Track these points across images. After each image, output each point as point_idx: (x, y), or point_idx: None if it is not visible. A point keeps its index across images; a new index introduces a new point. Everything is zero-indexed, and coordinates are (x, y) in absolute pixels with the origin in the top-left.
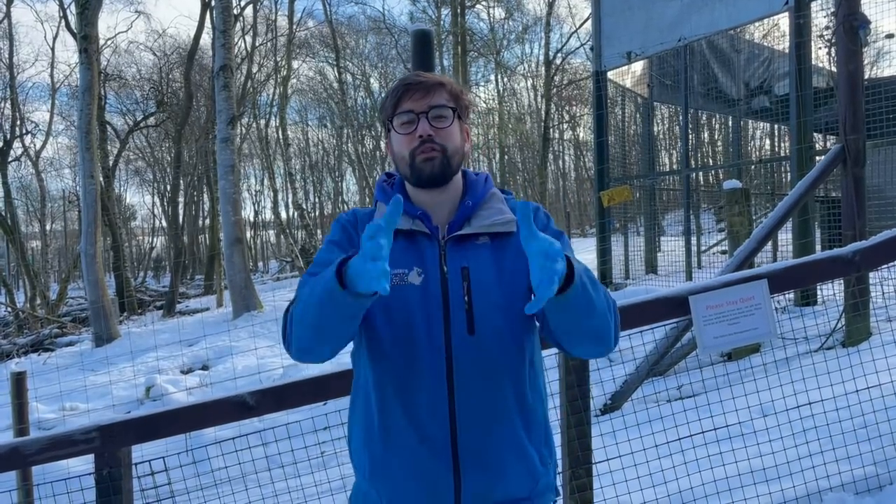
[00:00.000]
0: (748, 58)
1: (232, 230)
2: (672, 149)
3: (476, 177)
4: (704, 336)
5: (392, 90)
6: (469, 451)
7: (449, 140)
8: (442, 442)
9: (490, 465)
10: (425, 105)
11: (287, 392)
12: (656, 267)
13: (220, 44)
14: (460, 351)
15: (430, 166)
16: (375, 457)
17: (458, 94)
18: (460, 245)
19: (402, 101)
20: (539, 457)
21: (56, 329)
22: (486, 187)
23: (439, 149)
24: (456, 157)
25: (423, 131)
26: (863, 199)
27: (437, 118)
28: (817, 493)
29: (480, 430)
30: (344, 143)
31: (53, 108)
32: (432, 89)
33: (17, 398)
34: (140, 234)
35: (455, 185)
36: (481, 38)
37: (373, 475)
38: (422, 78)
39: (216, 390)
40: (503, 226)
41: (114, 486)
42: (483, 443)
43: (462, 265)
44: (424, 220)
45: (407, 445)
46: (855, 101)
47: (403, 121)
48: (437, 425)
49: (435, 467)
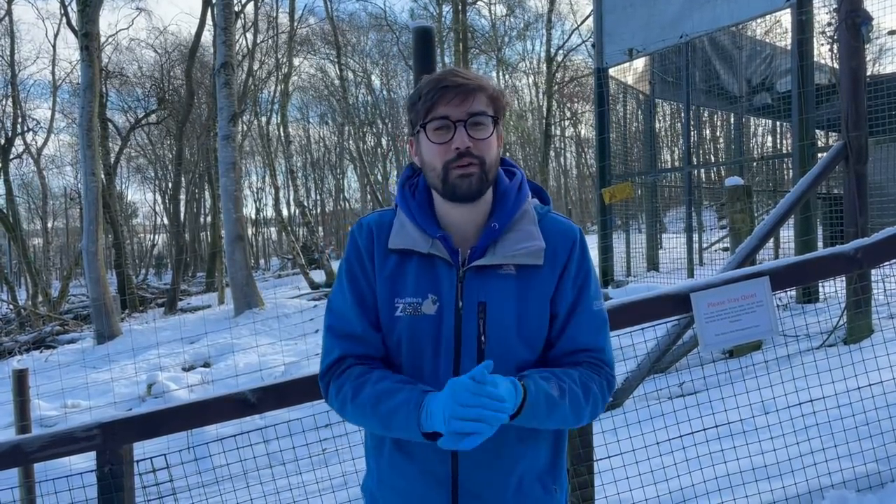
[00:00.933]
0: (750, 54)
1: (233, 227)
2: (674, 146)
3: (509, 183)
4: (706, 333)
5: (426, 91)
6: (468, 489)
7: (488, 152)
8: (443, 476)
9: (488, 498)
10: (464, 112)
11: (288, 389)
12: (658, 264)
13: (221, 41)
14: None
15: (466, 183)
16: (382, 472)
17: (497, 98)
18: (480, 275)
19: (437, 104)
20: (542, 486)
21: (58, 326)
22: (518, 200)
23: (477, 162)
24: (493, 171)
25: (460, 143)
26: (865, 195)
27: (475, 127)
28: (819, 491)
29: (481, 467)
30: (345, 141)
31: (55, 105)
32: (472, 93)
33: (18, 395)
34: (141, 231)
35: (485, 197)
36: (483, 35)
37: (380, 484)
38: (460, 79)
39: (217, 387)
40: (528, 257)
41: (115, 484)
42: (482, 479)
43: (480, 299)
44: (444, 243)
45: (410, 474)
46: (857, 97)
47: (437, 127)
48: (438, 460)
49: (435, 497)
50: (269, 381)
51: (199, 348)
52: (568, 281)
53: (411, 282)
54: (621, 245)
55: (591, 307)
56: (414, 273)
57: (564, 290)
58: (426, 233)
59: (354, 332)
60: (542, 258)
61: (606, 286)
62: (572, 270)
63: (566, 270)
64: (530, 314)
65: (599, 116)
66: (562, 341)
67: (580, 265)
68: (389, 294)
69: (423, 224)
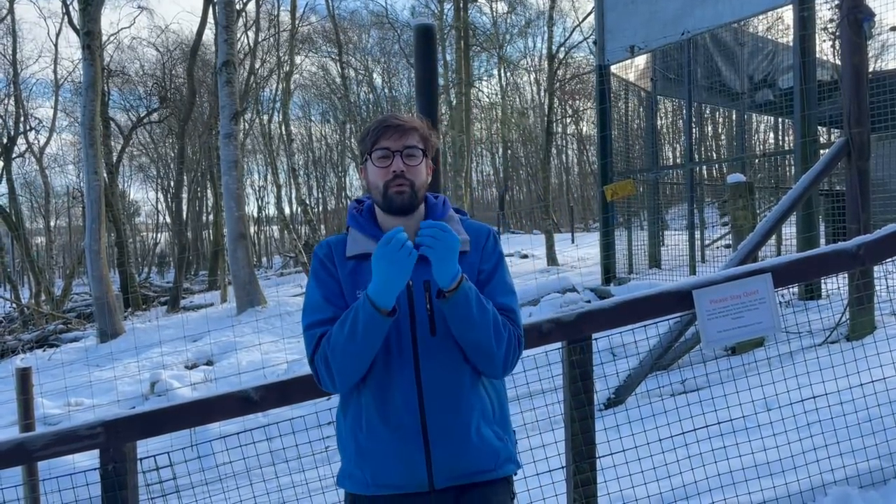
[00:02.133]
0: (752, 51)
1: (235, 226)
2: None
3: (435, 200)
4: (708, 330)
5: (373, 128)
6: (436, 434)
7: (417, 176)
8: (413, 428)
9: (453, 444)
10: (400, 145)
11: (291, 387)
12: (660, 261)
13: (222, 39)
14: (425, 349)
15: (400, 198)
16: (360, 443)
17: (427, 137)
18: (423, 262)
19: (380, 139)
20: (494, 434)
21: (61, 325)
22: (444, 211)
23: (409, 183)
24: (422, 191)
25: (396, 167)
26: (867, 192)
27: (409, 157)
28: (822, 487)
29: (444, 415)
30: (347, 139)
31: (57, 104)
32: (407, 132)
33: (22, 394)
34: (144, 230)
35: (418, 211)
36: (484, 33)
37: (357, 458)
38: (399, 121)
39: (220, 385)
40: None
41: (119, 482)
42: (446, 426)
43: (425, 279)
44: None
45: (385, 433)
46: (859, 94)
47: (380, 156)
48: (408, 414)
49: (409, 450)
50: (272, 379)
51: (201, 346)
52: (487, 258)
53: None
54: (623, 242)
55: (504, 278)
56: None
57: (484, 264)
58: (375, 238)
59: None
60: (469, 246)
61: (608, 283)
62: (489, 250)
63: (485, 250)
64: None
65: (601, 114)
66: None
67: (494, 248)
68: (352, 287)
69: (372, 232)
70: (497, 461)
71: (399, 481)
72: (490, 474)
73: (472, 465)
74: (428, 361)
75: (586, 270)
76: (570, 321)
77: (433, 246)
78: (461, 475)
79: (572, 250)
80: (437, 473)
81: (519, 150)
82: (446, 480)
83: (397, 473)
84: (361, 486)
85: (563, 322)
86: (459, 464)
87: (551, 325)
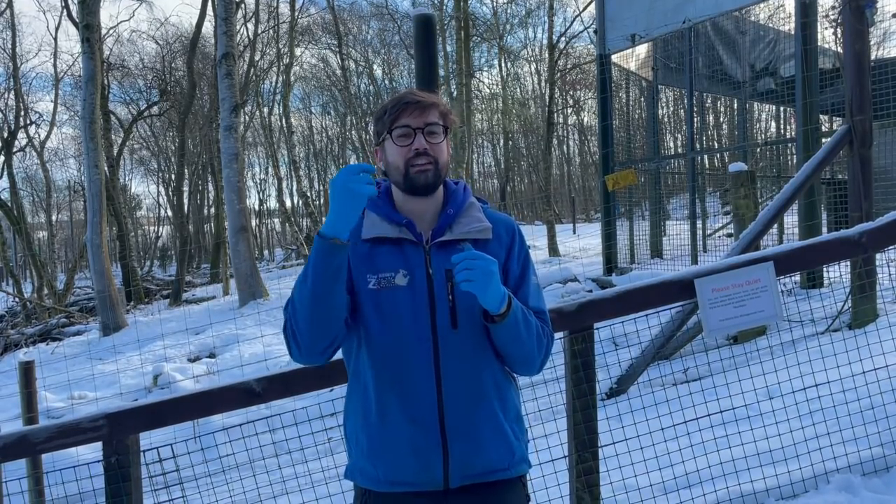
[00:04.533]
0: (753, 39)
1: (237, 218)
2: (677, 132)
3: (456, 186)
4: (710, 319)
5: (391, 106)
6: (455, 429)
7: (440, 154)
8: (431, 422)
9: (472, 439)
10: (422, 122)
11: (293, 379)
12: (662, 251)
13: (222, 31)
14: (445, 343)
15: (423, 177)
16: (373, 437)
17: (446, 114)
18: (444, 249)
19: (400, 116)
20: (513, 432)
21: (63, 319)
22: (465, 196)
23: (433, 161)
24: (444, 170)
25: (419, 145)
26: (870, 180)
27: (431, 134)
28: (824, 475)
29: (464, 410)
30: (348, 131)
31: (57, 98)
32: (427, 108)
33: (25, 387)
34: (146, 223)
35: (438, 194)
36: (484, 23)
37: (369, 452)
38: (419, 97)
39: (223, 378)
40: (480, 233)
41: (122, 474)
42: (466, 421)
43: (446, 267)
44: (410, 228)
45: (400, 426)
46: (861, 81)
47: (401, 133)
48: (426, 408)
49: (425, 443)
50: (275, 371)
51: (204, 339)
52: (514, 258)
53: (383, 260)
54: (625, 232)
55: (533, 279)
56: (385, 254)
57: (512, 264)
58: (394, 222)
59: None
60: (491, 234)
61: (610, 273)
62: (516, 250)
63: (512, 249)
64: None
65: (602, 103)
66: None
67: (521, 246)
68: (362, 271)
69: (390, 215)
70: (512, 460)
71: (413, 478)
72: (504, 473)
73: (488, 462)
74: (448, 354)
75: (588, 261)
76: (571, 311)
77: (472, 278)
78: (477, 473)
79: (574, 241)
80: (453, 471)
81: (520, 141)
82: (461, 479)
83: (412, 470)
84: (373, 481)
85: (565, 312)
86: (476, 461)
87: (553, 315)
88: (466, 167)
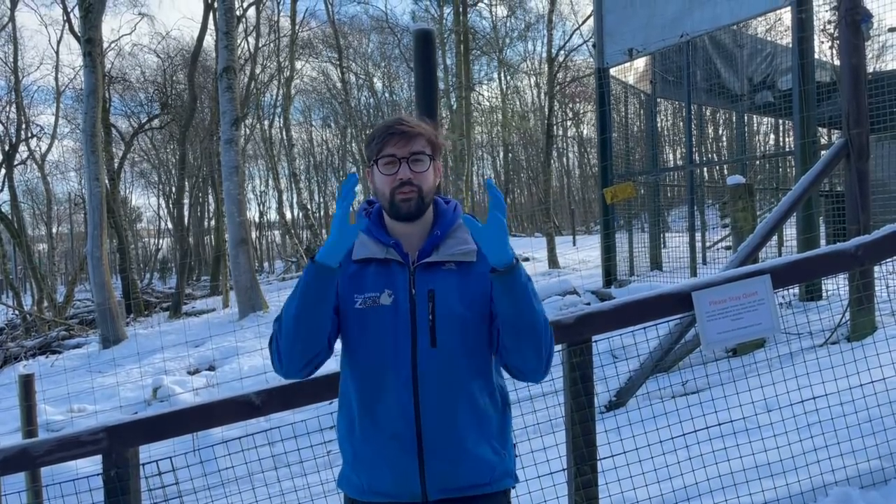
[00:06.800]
0: (751, 53)
1: (237, 231)
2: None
3: (446, 205)
4: (708, 332)
5: (378, 134)
6: (431, 446)
7: (425, 182)
8: (409, 438)
9: (448, 456)
10: (406, 151)
11: (293, 392)
12: (661, 263)
13: (223, 45)
14: (424, 361)
15: (406, 206)
16: (356, 449)
17: (433, 141)
18: (428, 270)
19: (386, 145)
20: (492, 448)
21: (63, 331)
22: (454, 216)
23: (416, 190)
24: (429, 196)
25: (403, 175)
26: (867, 193)
27: (415, 163)
28: (823, 488)
29: (440, 428)
30: (348, 143)
31: (58, 111)
32: (413, 137)
33: (25, 400)
34: (146, 235)
35: (426, 216)
36: (484, 37)
37: (354, 463)
38: (405, 127)
39: (223, 390)
40: (465, 255)
41: (121, 487)
42: (443, 439)
43: (429, 288)
44: (397, 249)
45: (380, 441)
46: (858, 95)
47: (386, 162)
48: (404, 424)
49: (403, 459)
50: (274, 384)
51: (204, 352)
52: None
53: (370, 281)
54: (624, 244)
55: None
56: (372, 274)
57: None
58: (381, 242)
59: None
60: (475, 256)
61: (609, 285)
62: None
63: None
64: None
65: (601, 116)
66: None
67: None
68: (349, 291)
69: (379, 236)
70: (493, 475)
71: (392, 490)
72: (485, 488)
73: (466, 478)
74: (426, 372)
75: (587, 273)
76: (569, 323)
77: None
78: (455, 488)
79: (573, 253)
80: (430, 485)
81: (520, 153)
82: (439, 493)
83: (390, 482)
84: (357, 491)
85: (563, 324)
86: (453, 477)
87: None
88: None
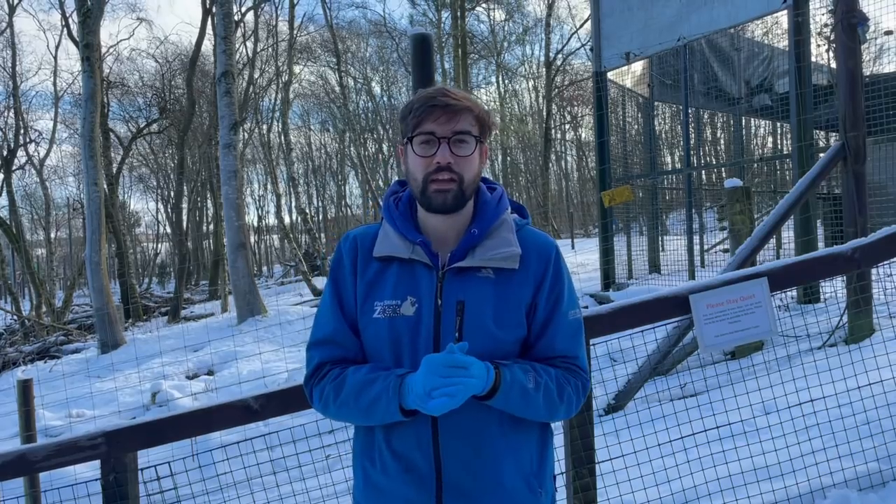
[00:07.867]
0: (748, 56)
1: (236, 235)
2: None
3: (490, 196)
4: (705, 335)
5: (417, 106)
6: (451, 484)
7: (467, 169)
8: (427, 473)
9: (471, 496)
10: (449, 130)
11: (292, 396)
12: (659, 266)
13: (221, 50)
14: None
15: (441, 198)
16: (368, 475)
17: (483, 119)
18: (460, 276)
19: (425, 120)
20: (527, 485)
21: (62, 336)
22: (498, 211)
23: (456, 178)
24: (471, 188)
25: (441, 158)
26: (864, 195)
27: (458, 144)
28: (821, 490)
29: (463, 463)
30: (346, 147)
31: (57, 116)
32: (459, 113)
33: (23, 406)
34: (144, 240)
35: (466, 209)
36: (482, 41)
37: (365, 489)
38: (450, 99)
39: (221, 395)
40: (506, 261)
41: (120, 492)
42: (465, 476)
43: (458, 298)
44: (424, 248)
45: (395, 472)
46: (855, 98)
47: (423, 141)
48: (422, 457)
49: (419, 496)
50: (273, 388)
51: (202, 356)
52: (544, 294)
53: (390, 286)
54: (623, 247)
55: (567, 316)
56: (394, 278)
57: (541, 300)
58: (407, 239)
59: (333, 338)
60: (518, 263)
61: (608, 289)
62: (548, 284)
63: (544, 281)
64: (506, 314)
65: (599, 120)
66: (539, 347)
67: (556, 277)
68: (368, 297)
69: (405, 231)
70: None
71: None
72: None
73: None
74: None
75: (586, 276)
76: None
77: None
78: None
79: (572, 256)
80: None
81: (518, 157)
82: None
83: None
84: None
85: None
86: None
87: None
88: None
